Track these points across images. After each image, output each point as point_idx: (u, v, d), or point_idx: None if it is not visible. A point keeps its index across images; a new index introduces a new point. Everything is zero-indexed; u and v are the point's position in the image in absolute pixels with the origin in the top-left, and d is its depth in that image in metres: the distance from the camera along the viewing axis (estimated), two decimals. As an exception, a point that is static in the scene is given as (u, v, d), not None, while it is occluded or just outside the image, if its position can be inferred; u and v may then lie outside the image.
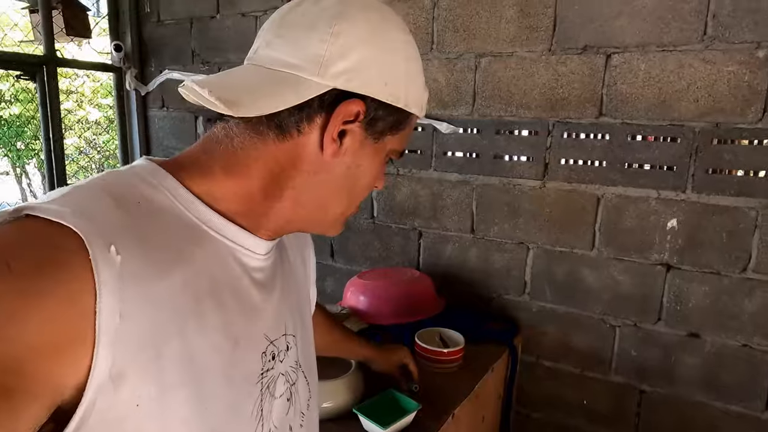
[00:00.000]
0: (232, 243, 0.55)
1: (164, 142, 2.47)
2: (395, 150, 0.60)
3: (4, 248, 0.40)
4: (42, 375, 0.39)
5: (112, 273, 0.42)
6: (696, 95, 1.38)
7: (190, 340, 0.48)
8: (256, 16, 2.08)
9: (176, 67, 2.34)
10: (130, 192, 0.50)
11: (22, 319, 0.38)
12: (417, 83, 0.59)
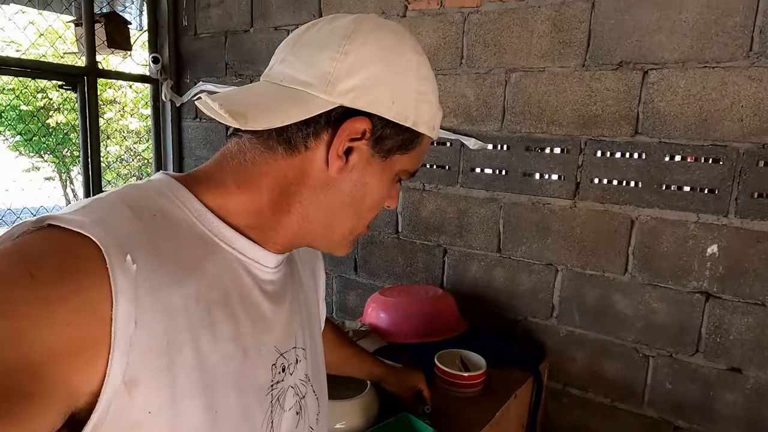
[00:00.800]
0: (243, 256, 0.56)
1: (196, 151, 2.52)
2: (405, 170, 0.60)
3: (27, 257, 0.42)
4: (60, 380, 0.40)
5: (128, 281, 0.44)
6: (740, 114, 1.31)
7: (202, 350, 0.49)
8: (288, 29, 2.10)
9: (210, 79, 2.38)
10: (147, 204, 0.52)
11: (42, 325, 0.39)
12: (429, 103, 0.58)
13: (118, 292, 0.43)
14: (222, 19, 2.31)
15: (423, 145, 0.60)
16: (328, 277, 2.12)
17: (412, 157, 0.60)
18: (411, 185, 1.87)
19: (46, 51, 3.70)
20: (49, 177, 6.30)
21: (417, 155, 0.60)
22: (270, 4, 2.14)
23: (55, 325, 0.40)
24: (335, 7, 1.96)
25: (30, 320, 0.39)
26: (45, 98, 4.64)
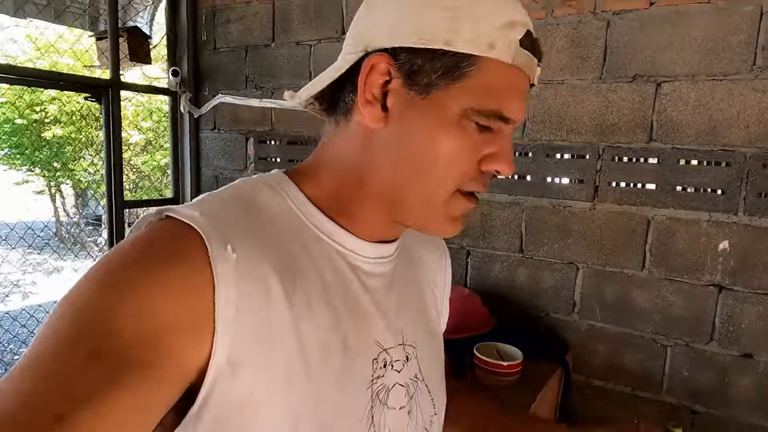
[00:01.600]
0: (341, 247, 0.57)
1: (214, 161, 2.58)
2: (472, 108, 0.50)
3: (143, 243, 0.47)
4: (172, 354, 0.43)
5: (228, 268, 0.46)
6: (746, 122, 1.44)
7: (302, 338, 0.51)
8: (310, 45, 2.20)
9: (229, 91, 2.46)
10: (255, 197, 0.56)
11: (155, 302, 0.43)
12: (471, 17, 0.49)
13: (218, 277, 0.45)
14: (242, 34, 2.40)
15: (488, 72, 0.50)
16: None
17: (474, 89, 0.50)
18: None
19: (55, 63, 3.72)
20: (40, 191, 6.23)
21: (482, 85, 0.50)
22: (292, 20, 2.24)
23: (163, 304, 0.43)
24: (358, 23, 2.07)
25: (142, 298, 0.42)
26: (42, 111, 4.62)
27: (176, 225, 0.48)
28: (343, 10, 2.10)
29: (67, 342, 0.40)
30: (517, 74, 0.52)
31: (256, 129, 2.42)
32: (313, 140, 2.23)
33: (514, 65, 0.51)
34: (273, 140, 2.37)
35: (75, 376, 0.38)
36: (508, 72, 0.51)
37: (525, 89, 0.54)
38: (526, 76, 0.53)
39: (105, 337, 0.40)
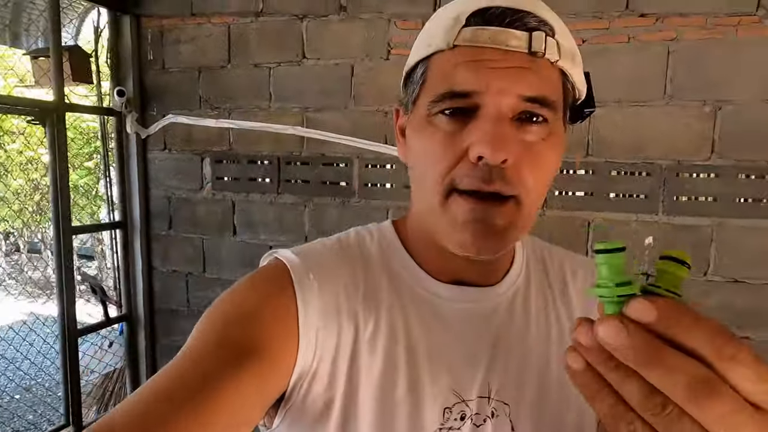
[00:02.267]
0: (425, 291, 0.60)
1: (165, 182, 2.54)
2: (430, 101, 0.52)
3: (255, 275, 0.60)
4: (277, 356, 0.53)
5: (310, 294, 0.56)
6: (661, 139, 1.79)
7: (372, 371, 0.56)
8: (270, 67, 2.27)
9: (181, 111, 2.44)
10: (354, 240, 0.65)
11: (257, 314, 0.54)
12: (429, 31, 0.54)
13: (300, 302, 0.55)
14: (195, 55, 2.40)
15: (434, 66, 0.53)
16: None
17: (429, 86, 0.53)
18: (400, 204, 2.14)
19: None
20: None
21: (433, 79, 0.53)
22: (249, 43, 2.30)
23: (267, 317, 0.54)
24: (318, 48, 2.19)
25: (251, 311, 0.54)
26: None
27: (277, 263, 0.60)
28: (303, 35, 2.20)
29: (202, 337, 0.53)
30: (464, 52, 0.50)
31: (212, 149, 2.43)
32: (277, 159, 2.30)
33: (458, 46, 0.51)
34: (231, 160, 2.40)
35: (210, 357, 0.50)
36: (453, 54, 0.51)
37: (487, 59, 0.49)
38: (488, 49, 0.50)
39: (228, 332, 0.52)
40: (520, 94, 0.49)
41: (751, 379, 0.27)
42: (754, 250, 1.75)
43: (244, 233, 2.41)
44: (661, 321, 0.28)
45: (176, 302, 2.60)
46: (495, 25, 0.50)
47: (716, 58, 1.72)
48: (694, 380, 0.27)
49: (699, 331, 0.28)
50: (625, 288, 0.31)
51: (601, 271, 0.32)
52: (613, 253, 0.32)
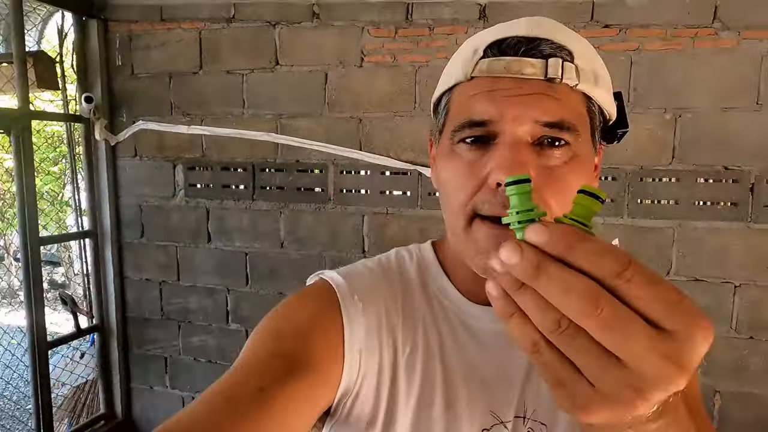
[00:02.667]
0: (459, 310, 0.63)
1: (135, 190, 2.50)
2: (452, 131, 0.55)
3: (303, 292, 0.63)
4: (326, 370, 0.56)
5: (355, 314, 0.59)
6: (625, 147, 1.86)
7: (411, 391, 0.58)
8: (243, 74, 2.27)
9: (152, 118, 2.41)
10: (394, 260, 0.68)
11: (311, 330, 0.57)
12: (453, 63, 0.58)
13: (346, 321, 0.58)
14: (165, 60, 2.37)
15: (456, 97, 0.56)
16: (295, 299, 2.29)
17: (452, 117, 0.56)
18: (375, 210, 2.16)
19: None
20: None
21: (455, 110, 0.56)
22: (221, 49, 2.28)
23: (313, 332, 0.57)
24: (291, 55, 2.19)
25: (301, 327, 0.57)
26: None
27: (324, 283, 0.63)
28: (276, 41, 2.20)
29: (257, 349, 0.55)
30: (481, 83, 0.53)
31: (184, 156, 2.40)
32: (251, 166, 2.29)
33: (475, 77, 0.54)
34: (204, 167, 2.38)
35: (265, 368, 0.52)
36: (470, 86, 0.54)
37: (502, 88, 0.51)
38: (505, 78, 0.52)
39: (281, 345, 0.55)
40: (537, 120, 0.50)
41: (641, 296, 0.28)
42: (712, 250, 1.84)
43: (218, 240, 2.40)
44: (553, 243, 0.30)
45: (150, 311, 2.57)
46: (510, 54, 0.52)
47: (676, 67, 1.80)
48: (581, 293, 0.28)
49: (589, 252, 0.29)
50: (527, 214, 0.33)
51: (511, 201, 0.34)
52: (520, 184, 0.34)
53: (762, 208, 1.78)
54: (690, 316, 0.28)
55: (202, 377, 2.52)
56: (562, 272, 0.29)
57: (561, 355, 0.31)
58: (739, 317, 1.83)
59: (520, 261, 0.30)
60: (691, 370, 0.28)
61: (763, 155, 1.76)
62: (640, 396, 0.29)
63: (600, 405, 0.30)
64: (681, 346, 0.28)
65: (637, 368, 0.29)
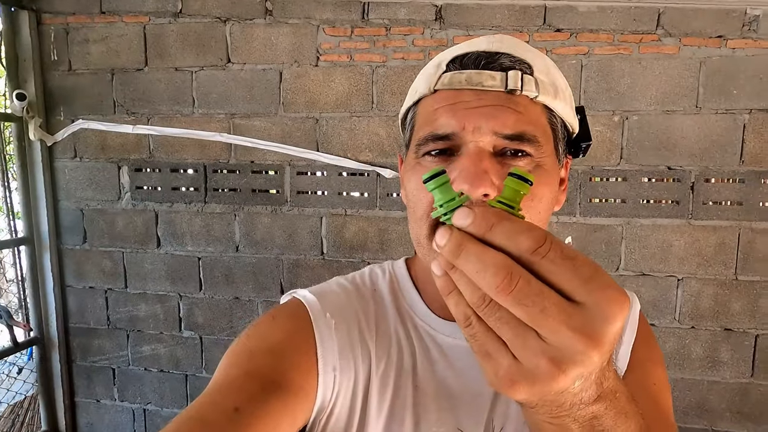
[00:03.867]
0: (430, 327, 0.63)
1: (77, 193, 2.35)
2: (416, 144, 0.56)
3: (276, 311, 0.63)
4: (301, 388, 0.55)
5: (328, 333, 0.59)
6: (577, 147, 1.92)
7: (382, 409, 0.59)
8: (192, 71, 2.17)
9: (94, 117, 2.27)
10: (367, 277, 0.68)
11: (285, 348, 0.57)
12: (418, 79, 0.59)
13: (318, 340, 0.58)
14: (106, 56, 2.24)
15: (421, 111, 0.57)
16: (252, 303, 2.24)
17: (418, 130, 0.57)
18: (333, 211, 2.14)
19: None
20: None
21: (419, 123, 0.57)
22: (168, 45, 2.18)
23: (287, 350, 0.57)
24: (243, 53, 2.12)
25: (275, 345, 0.57)
26: None
27: (296, 302, 0.63)
28: (227, 38, 2.12)
29: (230, 369, 0.55)
30: (443, 96, 0.53)
31: (130, 157, 2.28)
32: (203, 167, 2.21)
33: (438, 90, 0.54)
34: (152, 168, 2.27)
35: (239, 388, 0.51)
36: (433, 100, 0.55)
37: (463, 100, 0.52)
38: (466, 90, 0.52)
39: (255, 364, 0.55)
40: (497, 132, 0.50)
41: (555, 270, 0.30)
42: (657, 246, 1.93)
43: (169, 245, 2.30)
44: (476, 224, 0.32)
45: (95, 320, 2.43)
46: (471, 68, 0.53)
47: (623, 71, 1.88)
48: (496, 270, 0.30)
49: (507, 230, 0.31)
50: (450, 204, 0.35)
51: (434, 196, 0.36)
52: (438, 177, 0.36)
53: (701, 206, 1.89)
54: (602, 289, 0.29)
55: (153, 388, 2.42)
56: (480, 251, 0.31)
57: (489, 329, 0.32)
58: (681, 309, 1.94)
59: (447, 243, 0.32)
60: (605, 343, 0.29)
61: (702, 156, 1.86)
62: (558, 368, 0.30)
63: (522, 377, 0.31)
64: (592, 318, 0.29)
65: (554, 341, 0.30)
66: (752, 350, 1.92)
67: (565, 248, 0.30)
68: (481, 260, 0.31)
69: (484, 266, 0.31)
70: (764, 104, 1.81)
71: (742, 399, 1.95)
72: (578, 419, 0.35)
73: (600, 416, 0.35)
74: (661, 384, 0.64)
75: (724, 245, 1.89)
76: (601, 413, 0.35)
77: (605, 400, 0.35)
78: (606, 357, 0.31)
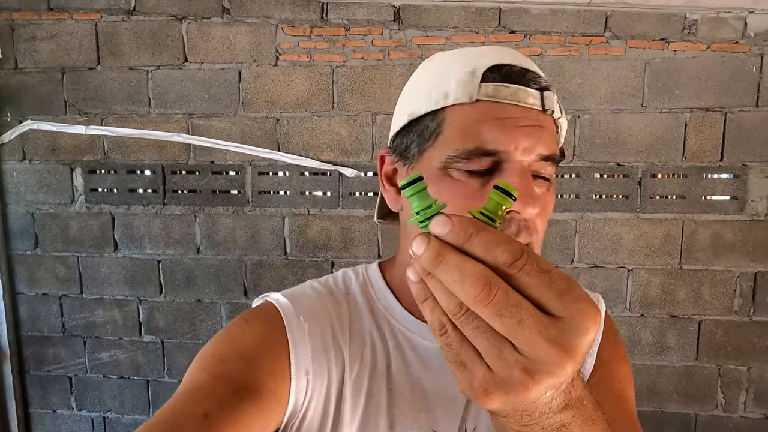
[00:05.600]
0: (405, 329, 0.63)
1: (27, 196, 2.26)
2: (451, 156, 0.52)
3: (248, 314, 0.62)
4: (273, 392, 0.55)
5: (301, 337, 0.58)
6: (532, 145, 1.99)
7: (356, 412, 0.59)
8: (147, 70, 2.12)
9: (43, 117, 2.19)
10: (342, 284, 0.67)
11: (256, 352, 0.56)
12: (440, 81, 0.55)
13: (291, 343, 0.58)
14: (56, 54, 2.16)
15: (455, 119, 0.52)
16: (215, 306, 2.21)
17: (448, 140, 0.53)
18: (296, 211, 2.14)
19: None
20: None
21: (454, 133, 0.52)
22: (121, 43, 2.12)
23: (258, 354, 0.56)
24: (200, 52, 2.09)
25: (246, 349, 0.56)
26: None
27: (269, 305, 0.62)
28: (183, 37, 2.09)
29: (199, 374, 0.54)
30: (488, 108, 0.51)
31: (83, 158, 2.21)
32: (160, 168, 2.16)
33: (480, 101, 0.51)
34: (107, 170, 2.21)
35: (209, 393, 0.51)
36: (476, 109, 0.51)
37: (510, 116, 0.51)
38: (509, 105, 0.51)
39: (225, 368, 0.54)
40: (540, 153, 0.51)
41: (532, 284, 0.30)
42: (608, 239, 2.03)
43: (126, 248, 2.24)
44: (454, 234, 0.32)
45: (49, 328, 2.35)
46: (513, 82, 0.52)
47: (574, 72, 1.96)
48: (475, 281, 0.30)
49: (486, 242, 0.31)
50: (428, 211, 0.34)
51: (411, 202, 0.35)
52: (416, 184, 0.35)
53: (648, 200, 1.99)
54: (576, 302, 0.30)
55: (113, 395, 2.36)
56: (459, 261, 0.31)
57: (464, 338, 0.33)
58: (632, 298, 2.04)
59: (425, 251, 0.32)
60: (578, 355, 0.30)
61: (648, 152, 1.96)
62: (531, 378, 0.31)
63: (496, 387, 0.32)
64: (567, 331, 0.30)
65: (529, 352, 0.30)
66: (696, 335, 2.04)
67: (541, 262, 0.31)
68: (460, 270, 0.31)
69: (462, 276, 0.31)
70: (703, 103, 1.93)
71: (688, 381, 2.07)
72: (547, 428, 0.36)
73: (568, 424, 0.36)
74: (625, 381, 0.68)
75: (669, 237, 2.00)
76: (568, 421, 0.36)
77: (573, 408, 0.36)
78: (578, 367, 0.32)
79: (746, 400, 2.06)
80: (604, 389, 0.64)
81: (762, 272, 1.98)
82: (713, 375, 2.06)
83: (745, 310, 2.01)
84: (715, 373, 2.06)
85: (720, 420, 2.08)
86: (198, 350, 0.59)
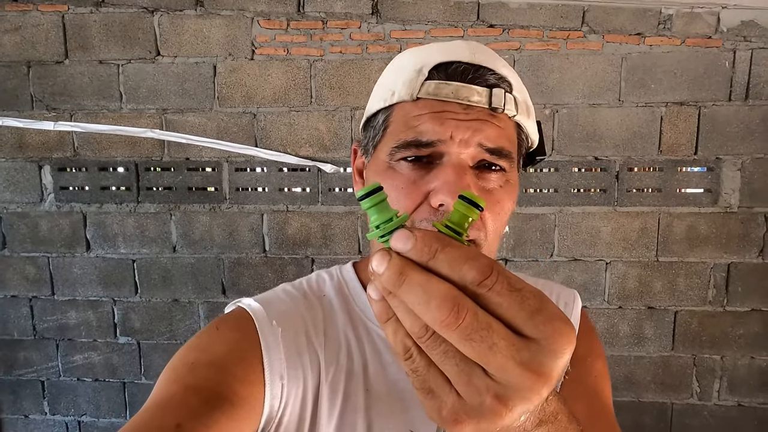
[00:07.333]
0: (381, 329, 0.66)
1: (-7, 196, 2.18)
2: (393, 147, 0.54)
3: (219, 321, 0.61)
4: (247, 400, 0.54)
5: (274, 342, 0.57)
6: (512, 139, 1.99)
7: (333, 414, 0.58)
8: (119, 64, 2.06)
9: (9, 113, 2.11)
10: (316, 287, 0.67)
11: (228, 360, 0.55)
12: (391, 79, 0.57)
13: (264, 348, 0.57)
14: (21, 47, 2.08)
15: (399, 114, 0.55)
16: (192, 305, 2.17)
17: (392, 133, 0.55)
18: (274, 208, 2.10)
19: None
20: None
21: (397, 127, 0.55)
22: (91, 36, 2.05)
23: (230, 362, 0.55)
24: (173, 45, 2.03)
25: (217, 357, 0.55)
26: None
27: (241, 310, 0.61)
28: (155, 30, 2.03)
29: (170, 384, 0.52)
30: (428, 104, 0.53)
31: (52, 155, 2.14)
32: (134, 165, 2.10)
33: (421, 98, 0.53)
34: (77, 167, 2.14)
35: (180, 403, 0.50)
36: (416, 106, 0.53)
37: (450, 111, 0.52)
38: (451, 103, 0.52)
39: (196, 377, 0.53)
40: (481, 144, 0.52)
41: (503, 303, 0.28)
42: (587, 232, 2.05)
43: (99, 248, 2.18)
44: (417, 250, 0.29)
45: (19, 331, 2.27)
46: (457, 80, 0.52)
47: (552, 66, 1.96)
48: (441, 303, 0.28)
49: (452, 259, 0.29)
50: (388, 225, 0.32)
51: (370, 214, 0.33)
52: (374, 195, 0.32)
53: (625, 193, 2.01)
54: (550, 322, 0.28)
55: (88, 398, 2.30)
56: (423, 280, 0.29)
57: (431, 363, 0.31)
58: (610, 290, 2.07)
59: (386, 270, 0.30)
60: (553, 378, 0.28)
61: (625, 146, 1.99)
62: (504, 406, 0.29)
63: (466, 416, 0.30)
64: (541, 353, 0.28)
65: (501, 378, 0.29)
66: (672, 326, 2.08)
67: (511, 279, 0.29)
68: (425, 291, 0.28)
69: (427, 297, 0.28)
70: (678, 97, 1.95)
71: (664, 371, 2.11)
72: None
73: None
74: (600, 376, 0.68)
75: (646, 229, 2.03)
76: None
77: (547, 424, 0.34)
78: (552, 389, 0.30)
79: (720, 389, 2.11)
80: (580, 385, 0.65)
81: (735, 263, 2.02)
82: (688, 364, 2.10)
83: (719, 300, 2.05)
84: (691, 362, 2.10)
85: (695, 408, 2.13)
86: (176, 351, 0.57)
